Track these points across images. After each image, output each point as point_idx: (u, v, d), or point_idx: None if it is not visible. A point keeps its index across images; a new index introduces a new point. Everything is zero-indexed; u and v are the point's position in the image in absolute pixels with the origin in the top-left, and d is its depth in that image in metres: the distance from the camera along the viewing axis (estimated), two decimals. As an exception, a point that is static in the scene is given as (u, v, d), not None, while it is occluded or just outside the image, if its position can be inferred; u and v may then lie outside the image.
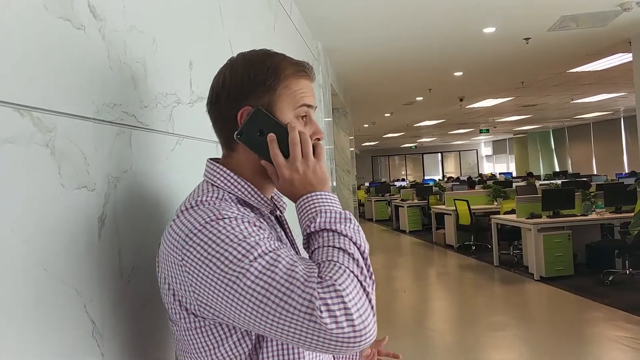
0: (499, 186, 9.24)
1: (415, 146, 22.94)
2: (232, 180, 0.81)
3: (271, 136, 0.79)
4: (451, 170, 24.29)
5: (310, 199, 0.78)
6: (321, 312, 0.65)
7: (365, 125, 13.12)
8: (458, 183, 12.41)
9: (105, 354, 0.82)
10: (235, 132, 0.80)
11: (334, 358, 0.93)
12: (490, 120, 13.35)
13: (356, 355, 1.09)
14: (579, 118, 14.22)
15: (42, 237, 0.69)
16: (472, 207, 8.04)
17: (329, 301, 0.65)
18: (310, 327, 0.65)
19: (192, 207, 0.76)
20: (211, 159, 0.86)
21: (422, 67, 5.72)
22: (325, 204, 0.78)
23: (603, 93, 9.12)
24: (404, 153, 24.38)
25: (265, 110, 0.80)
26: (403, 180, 19.75)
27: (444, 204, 9.27)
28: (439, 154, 24.69)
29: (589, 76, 6.93)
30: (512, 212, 6.91)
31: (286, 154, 0.80)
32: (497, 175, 17.90)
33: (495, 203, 8.57)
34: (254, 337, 0.76)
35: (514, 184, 10.07)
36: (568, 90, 8.45)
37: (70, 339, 0.74)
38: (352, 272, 0.69)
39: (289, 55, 0.86)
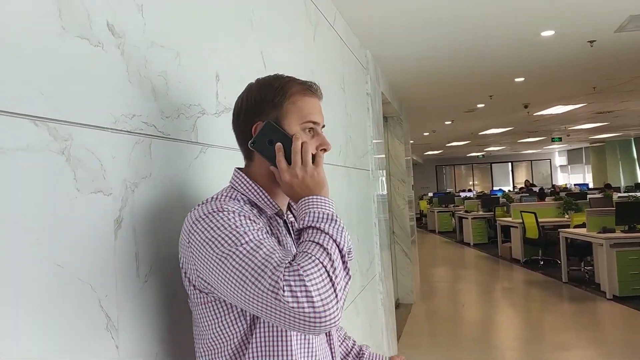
0: (571, 198, 8.69)
1: (483, 155, 22.08)
2: (246, 184, 0.96)
3: (278, 145, 0.92)
4: (522, 181, 23.12)
5: (306, 200, 0.90)
6: (284, 291, 0.75)
7: (425, 134, 12.81)
8: (527, 194, 11.79)
9: (120, 346, 0.88)
10: (249, 142, 0.94)
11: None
12: (563, 128, 12.58)
13: None
14: (665, 125, 13.03)
15: (55, 236, 0.76)
16: (540, 220, 7.62)
17: (292, 283, 0.76)
18: (275, 304, 0.76)
19: (204, 202, 0.91)
20: (237, 168, 0.99)
21: (480, 73, 5.52)
22: (317, 205, 0.88)
23: (692, 97, 8.29)
24: (470, 162, 23.53)
25: (274, 123, 0.92)
26: (470, 190, 19.02)
27: (511, 216, 8.87)
28: (509, 164, 23.59)
29: (672, 79, 6.35)
30: (583, 225, 6.47)
31: (290, 161, 0.92)
32: (572, 187, 16.83)
33: (567, 216, 8.07)
34: (248, 319, 0.89)
35: (589, 196, 9.42)
36: (649, 95, 7.80)
37: (84, 331, 0.81)
38: (322, 262, 0.79)
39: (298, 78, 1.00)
